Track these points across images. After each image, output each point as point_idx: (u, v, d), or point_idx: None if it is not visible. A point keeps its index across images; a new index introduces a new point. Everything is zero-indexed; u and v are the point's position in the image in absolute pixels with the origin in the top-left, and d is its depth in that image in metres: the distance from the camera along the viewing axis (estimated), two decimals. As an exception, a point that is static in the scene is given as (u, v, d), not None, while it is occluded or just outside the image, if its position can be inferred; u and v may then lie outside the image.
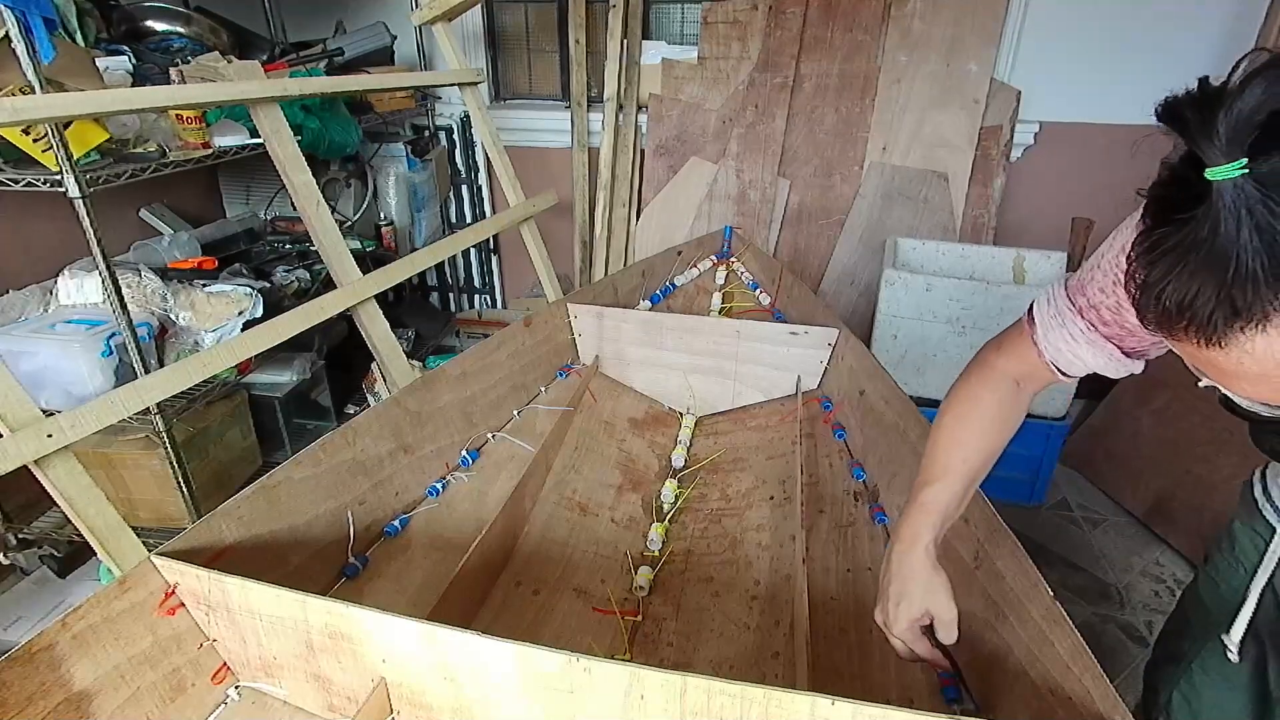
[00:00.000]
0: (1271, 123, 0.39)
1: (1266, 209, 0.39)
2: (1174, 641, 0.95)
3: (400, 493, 1.16)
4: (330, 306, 1.40)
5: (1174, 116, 0.42)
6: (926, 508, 0.77)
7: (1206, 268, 0.41)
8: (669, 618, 1.05)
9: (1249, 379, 0.46)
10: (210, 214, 2.49)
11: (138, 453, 1.71)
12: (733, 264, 1.97)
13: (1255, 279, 0.40)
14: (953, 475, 0.77)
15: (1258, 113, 0.39)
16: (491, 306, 3.28)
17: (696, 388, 1.65)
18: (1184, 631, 0.93)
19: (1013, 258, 2.23)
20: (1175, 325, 0.44)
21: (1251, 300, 0.40)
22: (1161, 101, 0.43)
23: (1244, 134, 0.39)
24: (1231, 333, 0.42)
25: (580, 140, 2.78)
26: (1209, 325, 0.42)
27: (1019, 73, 2.43)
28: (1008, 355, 0.79)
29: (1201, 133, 0.40)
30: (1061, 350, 0.71)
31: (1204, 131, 0.40)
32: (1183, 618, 0.95)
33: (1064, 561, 1.95)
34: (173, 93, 1.47)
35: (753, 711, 0.61)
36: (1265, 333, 0.41)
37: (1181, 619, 0.95)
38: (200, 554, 0.82)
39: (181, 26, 2.02)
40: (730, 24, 2.57)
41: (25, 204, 1.83)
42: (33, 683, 0.66)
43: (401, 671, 0.72)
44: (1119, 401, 2.27)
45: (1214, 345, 0.44)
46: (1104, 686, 0.65)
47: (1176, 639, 0.94)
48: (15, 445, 0.89)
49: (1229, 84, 0.40)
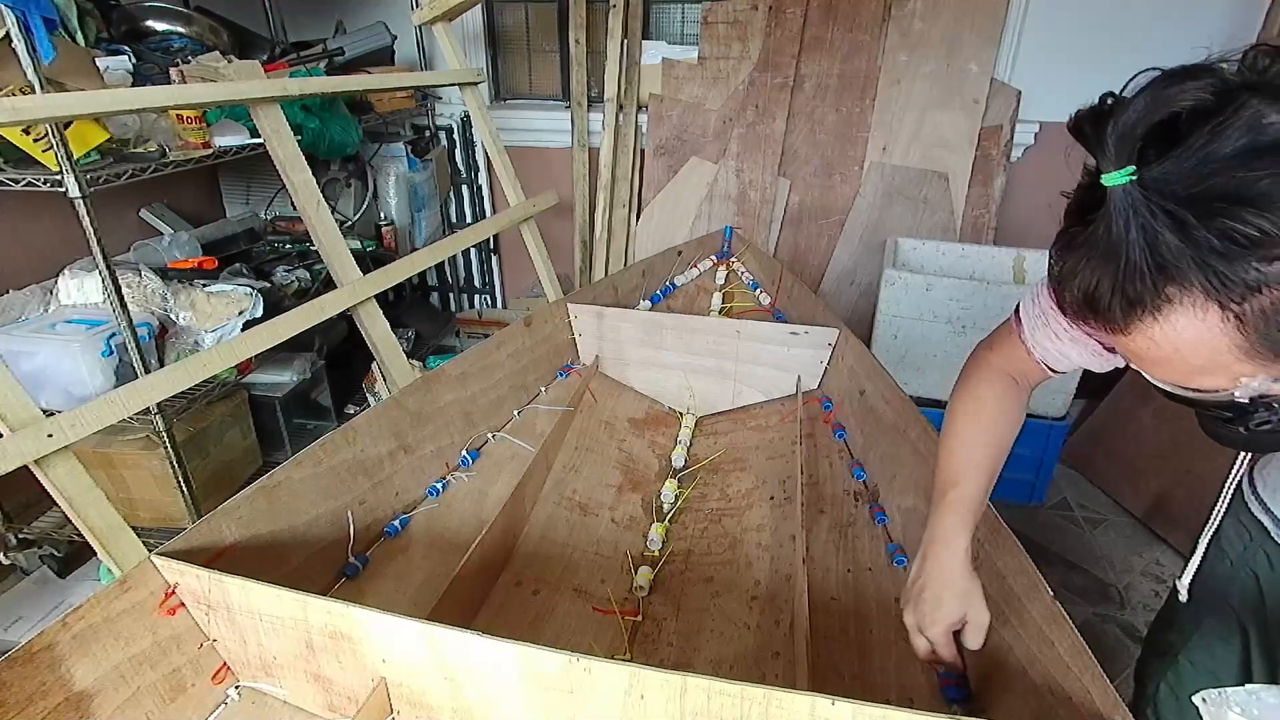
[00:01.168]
0: (1154, 133, 0.43)
1: (1149, 211, 0.43)
2: (1162, 634, 0.96)
3: (400, 493, 1.16)
4: (330, 306, 1.40)
5: (1077, 130, 0.47)
6: (956, 508, 0.78)
7: (1103, 262, 0.46)
8: (669, 618, 1.05)
9: (1157, 363, 0.49)
10: (210, 214, 2.49)
11: (138, 453, 1.71)
12: (733, 264, 1.97)
13: (1141, 272, 0.44)
14: (974, 473, 0.79)
15: (1138, 125, 0.43)
16: (491, 306, 3.28)
17: (696, 388, 1.65)
18: (1171, 624, 0.95)
19: (1013, 258, 2.23)
20: (1086, 314, 0.49)
21: (1142, 290, 0.45)
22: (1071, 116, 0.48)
23: (1128, 144, 0.44)
24: (1131, 320, 0.47)
25: (580, 140, 2.78)
26: (1111, 313, 0.47)
27: (1019, 73, 2.43)
28: (1000, 354, 0.81)
29: (1096, 144, 0.45)
30: (1048, 348, 0.74)
31: (1098, 143, 0.45)
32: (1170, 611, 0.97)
33: (1064, 561, 1.95)
34: (173, 93, 1.47)
35: (753, 711, 0.61)
36: (1159, 320, 0.45)
37: (1169, 613, 0.97)
38: (200, 554, 0.82)
39: (181, 26, 2.02)
40: (730, 24, 2.57)
41: (25, 204, 1.83)
42: (33, 683, 0.66)
43: (401, 671, 0.72)
44: (1119, 401, 2.27)
45: (1120, 332, 0.48)
46: (1104, 686, 0.65)
47: (1164, 632, 0.96)
48: (15, 445, 0.89)
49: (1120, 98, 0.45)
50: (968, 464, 0.79)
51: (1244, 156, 0.41)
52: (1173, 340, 0.46)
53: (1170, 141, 0.43)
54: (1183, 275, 0.43)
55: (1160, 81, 0.44)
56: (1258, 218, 0.40)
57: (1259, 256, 0.41)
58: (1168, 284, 0.44)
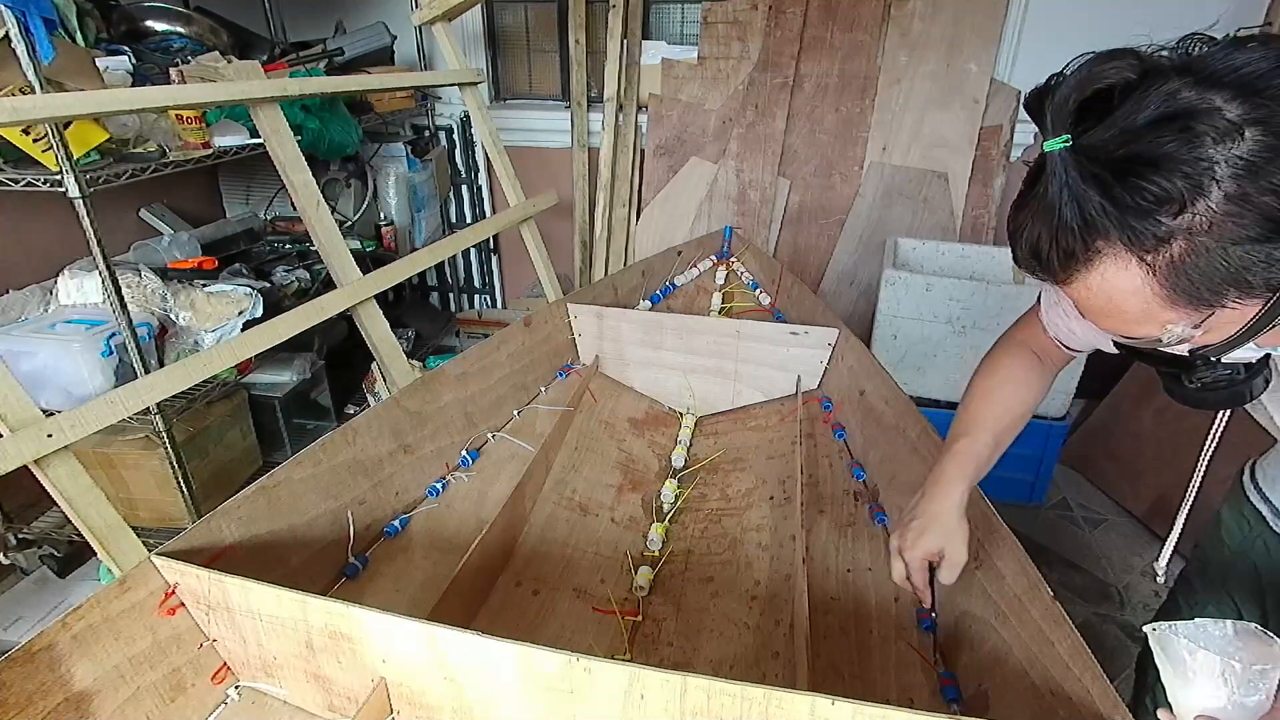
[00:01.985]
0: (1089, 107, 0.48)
1: (1079, 173, 0.48)
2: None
3: (400, 493, 1.16)
4: (330, 306, 1.40)
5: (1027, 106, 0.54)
6: (960, 457, 0.83)
7: (1042, 219, 0.51)
8: (669, 618, 1.05)
9: (1099, 313, 0.54)
10: (210, 214, 2.49)
11: (138, 453, 1.71)
12: (733, 264, 1.97)
13: (1072, 229, 0.49)
14: (984, 428, 0.84)
15: (1070, 98, 0.49)
16: (491, 306, 3.28)
17: (696, 388, 1.65)
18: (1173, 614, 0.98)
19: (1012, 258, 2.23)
20: (1034, 266, 0.54)
21: (1073, 244, 0.50)
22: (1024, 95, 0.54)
23: (1063, 114, 0.49)
24: (1069, 271, 0.51)
25: (580, 140, 2.78)
26: (1051, 265, 0.52)
27: (1019, 73, 2.43)
28: (1024, 331, 0.89)
29: (1038, 115, 0.51)
30: (1059, 325, 0.81)
31: (1040, 114, 0.51)
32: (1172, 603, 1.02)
33: (1064, 561, 1.95)
34: (173, 93, 1.47)
35: (753, 711, 0.61)
36: (1091, 271, 0.50)
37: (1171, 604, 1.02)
38: (200, 554, 0.82)
39: (181, 26, 2.02)
40: (730, 24, 2.57)
41: (25, 204, 1.83)
42: (33, 683, 0.66)
43: (401, 671, 0.72)
44: (1119, 401, 2.27)
45: (1064, 283, 0.53)
46: (1104, 686, 0.65)
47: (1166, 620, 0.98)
48: (15, 445, 0.89)
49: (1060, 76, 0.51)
50: (977, 419, 0.85)
51: (1155, 125, 0.45)
52: (1105, 290, 0.51)
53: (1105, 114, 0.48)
54: (1106, 230, 0.48)
55: (1091, 60, 0.49)
56: (1161, 178, 0.45)
57: (1165, 212, 0.46)
58: (1096, 238, 0.49)
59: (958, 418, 0.87)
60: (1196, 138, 0.44)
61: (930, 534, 0.81)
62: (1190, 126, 0.45)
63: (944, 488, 0.82)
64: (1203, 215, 0.45)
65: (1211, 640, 0.55)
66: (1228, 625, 0.56)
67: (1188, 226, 0.46)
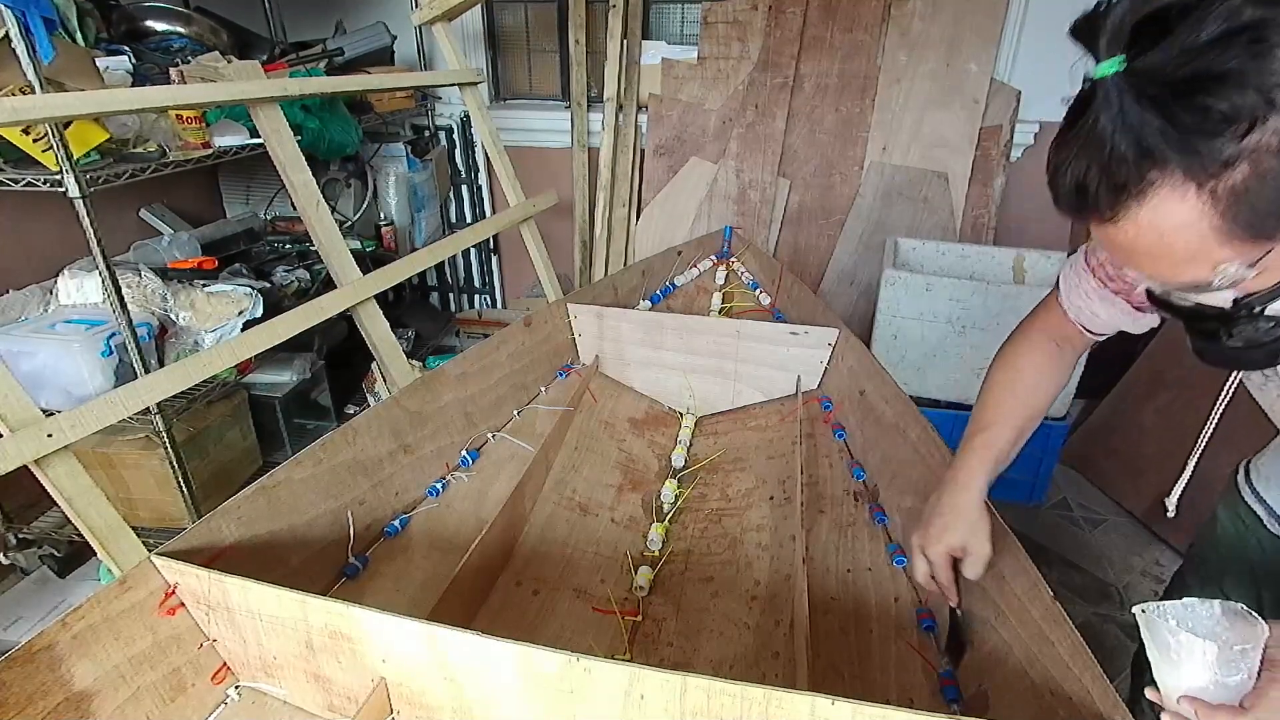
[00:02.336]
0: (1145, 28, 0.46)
1: (1135, 96, 0.45)
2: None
3: (400, 493, 1.16)
4: (330, 306, 1.40)
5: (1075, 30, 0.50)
6: (979, 451, 0.83)
7: (1090, 151, 0.48)
8: (669, 618, 1.05)
9: (1145, 255, 0.51)
10: (210, 214, 2.49)
11: (138, 453, 1.71)
12: (733, 264, 1.97)
13: (1124, 157, 0.46)
14: (1004, 421, 0.84)
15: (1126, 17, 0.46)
16: (491, 306, 3.28)
17: (696, 388, 1.65)
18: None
19: (1013, 258, 2.23)
20: (1077, 206, 0.51)
21: (1126, 176, 0.47)
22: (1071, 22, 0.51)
23: (1118, 36, 0.46)
24: (1118, 207, 0.49)
25: (580, 140, 2.78)
26: (1098, 200, 0.49)
27: (1019, 73, 2.43)
28: (1042, 319, 0.88)
29: (1090, 38, 0.48)
30: (1081, 309, 0.80)
31: (1091, 37, 0.48)
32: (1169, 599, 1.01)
33: (1064, 561, 1.95)
34: (173, 93, 1.47)
35: (753, 711, 0.61)
36: (1143, 204, 0.48)
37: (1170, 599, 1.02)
38: (200, 554, 0.82)
39: (181, 26, 2.02)
40: (730, 24, 2.57)
41: (25, 204, 1.83)
42: (33, 683, 0.66)
43: (401, 671, 0.72)
44: (1120, 401, 2.27)
45: (1109, 221, 0.50)
46: (1104, 686, 0.65)
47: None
48: (15, 445, 0.89)
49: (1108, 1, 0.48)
50: (997, 412, 0.85)
51: (1219, 41, 0.43)
52: (1157, 226, 0.48)
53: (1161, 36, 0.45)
54: (1163, 156, 0.45)
55: None
56: (1228, 95, 0.43)
57: (1231, 132, 0.43)
58: (1150, 167, 0.46)
59: (976, 411, 0.87)
60: (1267, 51, 0.42)
61: (953, 530, 0.81)
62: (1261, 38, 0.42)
63: (964, 483, 0.82)
64: (1273, 134, 0.43)
65: (1199, 620, 0.56)
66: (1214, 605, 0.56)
67: (1254, 148, 0.43)
